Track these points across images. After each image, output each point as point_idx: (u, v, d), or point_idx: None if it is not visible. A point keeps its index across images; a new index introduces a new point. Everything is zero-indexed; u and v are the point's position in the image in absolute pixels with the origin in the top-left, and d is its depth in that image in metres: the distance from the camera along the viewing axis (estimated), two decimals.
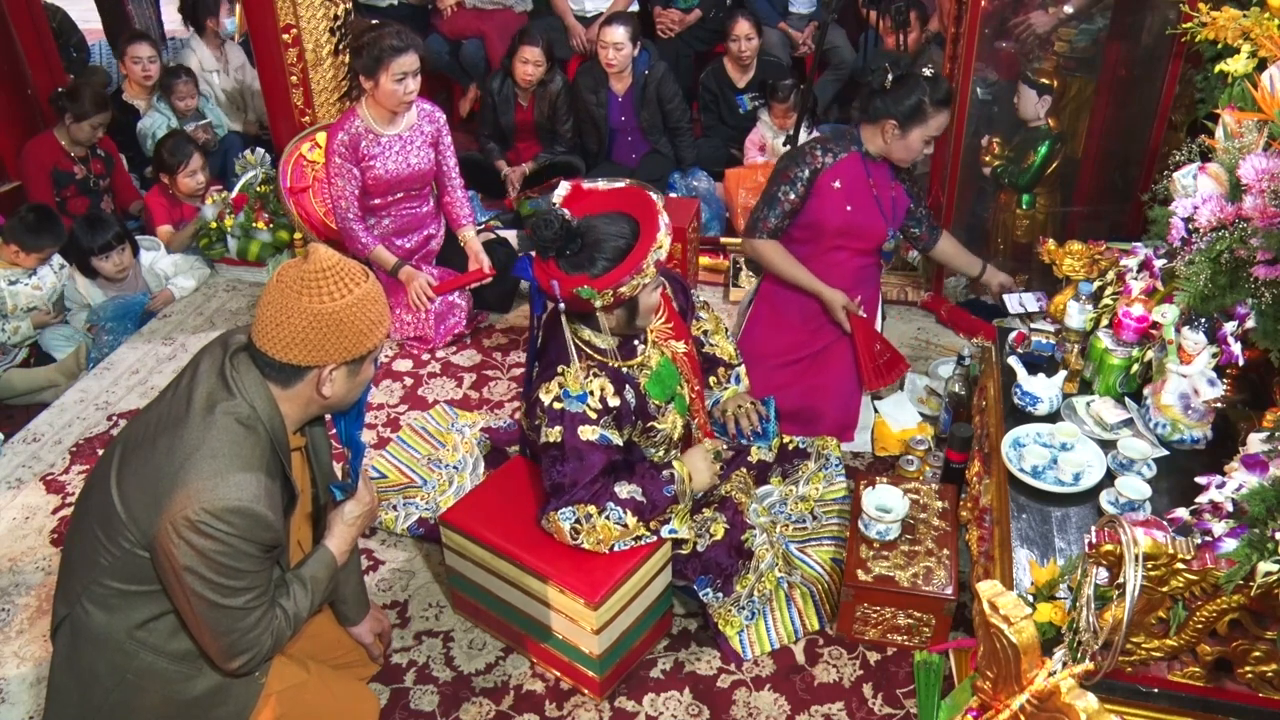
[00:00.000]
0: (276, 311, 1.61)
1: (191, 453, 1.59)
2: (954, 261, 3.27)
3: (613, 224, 2.15)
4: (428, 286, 3.50)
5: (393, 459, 2.97)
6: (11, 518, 2.84)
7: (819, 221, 2.95)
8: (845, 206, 2.92)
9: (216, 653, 1.70)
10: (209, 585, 1.60)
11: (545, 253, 2.11)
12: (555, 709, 2.26)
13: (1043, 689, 1.27)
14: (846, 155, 2.92)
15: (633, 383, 2.29)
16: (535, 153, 4.62)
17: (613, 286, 2.09)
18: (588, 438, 2.17)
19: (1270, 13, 2.07)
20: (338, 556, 1.88)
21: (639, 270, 2.10)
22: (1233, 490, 1.77)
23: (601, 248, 2.11)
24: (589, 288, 2.08)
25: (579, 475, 2.17)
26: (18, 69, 4.20)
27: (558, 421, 2.18)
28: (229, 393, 1.64)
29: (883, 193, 2.96)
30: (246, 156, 4.23)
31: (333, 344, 1.62)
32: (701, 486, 2.38)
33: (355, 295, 1.62)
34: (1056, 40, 3.35)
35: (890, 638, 2.37)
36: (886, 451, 2.94)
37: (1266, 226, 1.73)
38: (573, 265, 2.11)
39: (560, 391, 2.18)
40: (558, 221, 2.08)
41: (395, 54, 3.25)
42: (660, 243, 2.11)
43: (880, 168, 2.96)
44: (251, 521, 1.59)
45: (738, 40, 4.56)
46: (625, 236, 2.13)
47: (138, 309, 3.76)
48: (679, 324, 2.50)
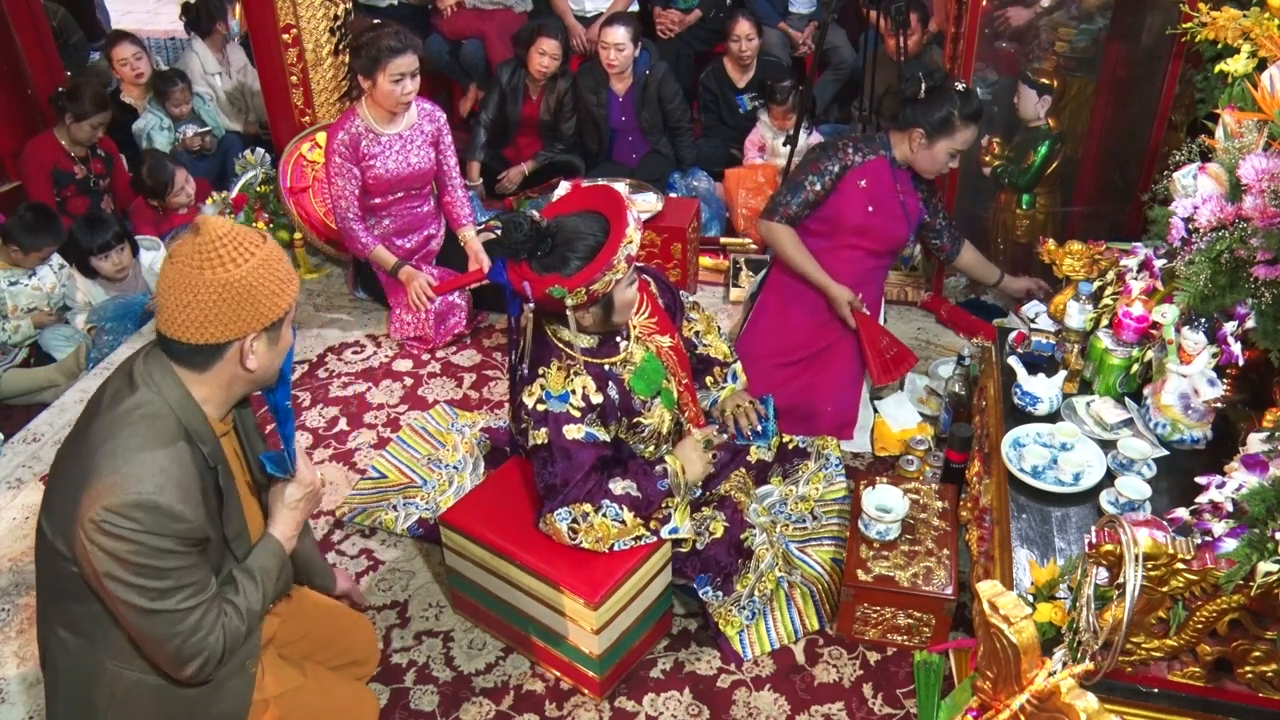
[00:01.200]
0: (181, 292, 1.52)
1: (93, 453, 1.53)
2: (974, 271, 3.29)
3: (583, 222, 2.16)
4: (428, 287, 3.50)
5: (393, 459, 2.97)
6: (11, 518, 2.84)
7: (839, 216, 2.97)
8: (867, 207, 2.95)
9: (165, 661, 1.62)
10: (133, 590, 1.52)
11: (517, 255, 2.12)
12: (555, 709, 2.26)
13: (1043, 689, 1.27)
14: (875, 158, 2.95)
15: (616, 379, 2.30)
16: (536, 150, 4.62)
17: (585, 284, 2.10)
18: (573, 436, 2.18)
19: (1270, 13, 2.07)
20: (284, 543, 1.80)
21: (610, 266, 2.11)
22: (1233, 490, 1.77)
23: (573, 246, 2.12)
24: (560, 286, 2.10)
25: (570, 474, 2.17)
26: (18, 69, 4.20)
27: (543, 423, 2.19)
28: (133, 388, 1.58)
29: (908, 199, 2.99)
30: (246, 156, 4.23)
31: (248, 312, 1.55)
32: (695, 477, 2.38)
33: (259, 257, 1.55)
34: (1057, 40, 3.34)
35: (890, 638, 2.37)
36: (886, 451, 2.94)
37: (1266, 226, 1.73)
38: (544, 266, 2.12)
39: (542, 393, 2.20)
40: (527, 223, 2.09)
41: (393, 55, 3.26)
42: (630, 237, 2.12)
43: (905, 175, 2.99)
44: (157, 515, 1.50)
45: (738, 40, 4.56)
46: (596, 234, 2.14)
47: (138, 309, 3.76)
48: (663, 318, 2.51)
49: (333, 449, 3.08)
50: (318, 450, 3.07)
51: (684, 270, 3.78)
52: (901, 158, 2.95)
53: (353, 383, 3.39)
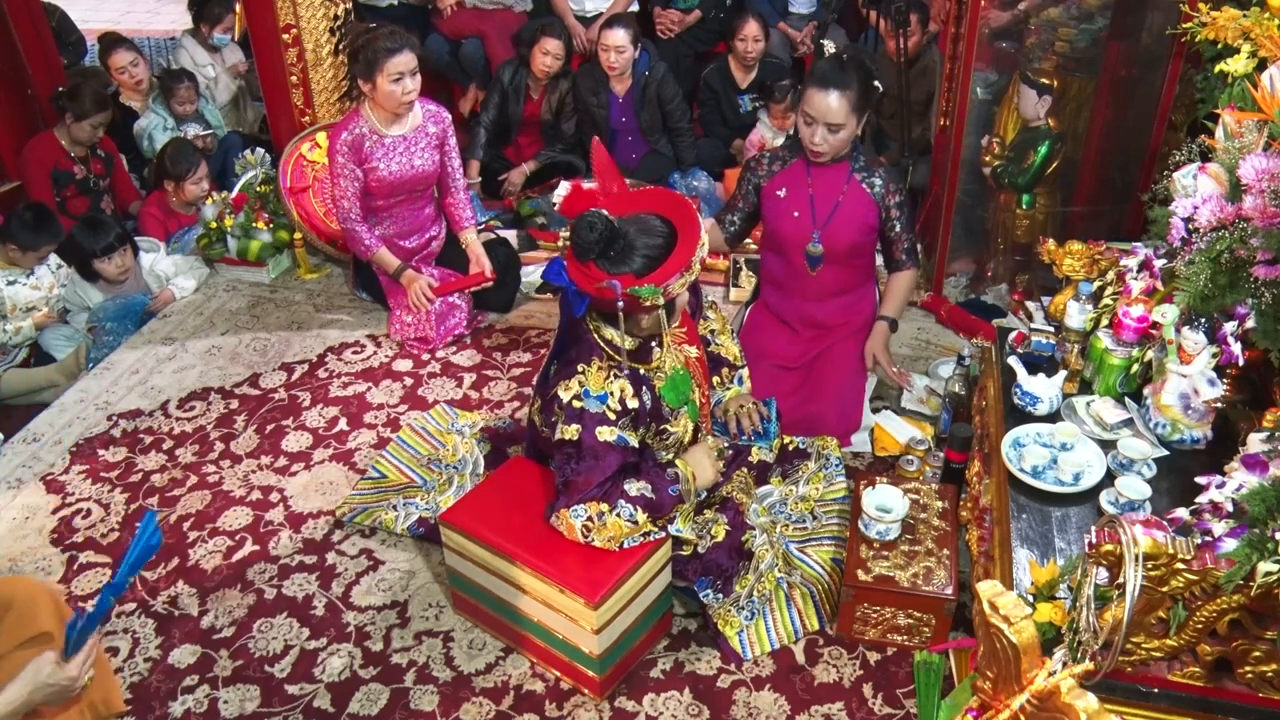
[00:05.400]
0: None
1: None
2: (886, 296, 3.07)
3: (648, 223, 2.16)
4: (428, 288, 3.50)
5: (393, 459, 2.97)
6: (11, 518, 2.84)
7: (776, 234, 2.96)
8: (793, 213, 2.90)
9: None
10: None
11: (586, 255, 2.09)
12: (555, 709, 2.26)
13: (1043, 689, 1.27)
14: (795, 161, 2.92)
15: (649, 385, 2.29)
16: (536, 150, 4.62)
17: (662, 284, 2.10)
18: (605, 439, 2.17)
19: (1270, 13, 2.07)
20: None
21: (688, 267, 2.12)
22: (1233, 490, 1.77)
23: (648, 247, 2.12)
24: (649, 286, 2.08)
25: (593, 475, 2.17)
26: (18, 69, 4.20)
27: (576, 420, 2.17)
28: None
29: (839, 198, 2.87)
30: (246, 156, 4.22)
31: None
32: (706, 483, 2.38)
33: None
34: (1057, 40, 3.34)
35: (890, 638, 2.37)
36: (886, 452, 2.94)
37: (1266, 226, 1.73)
38: (615, 266, 2.11)
39: (581, 390, 2.18)
40: (601, 223, 2.06)
41: (390, 54, 3.25)
42: (703, 241, 2.14)
43: (832, 171, 2.88)
44: None
45: (745, 40, 4.55)
46: (663, 235, 2.14)
47: (138, 309, 3.76)
48: (691, 329, 2.52)
49: (333, 449, 3.08)
50: (318, 450, 3.08)
51: None
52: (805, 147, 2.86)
53: (353, 383, 3.39)
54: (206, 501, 2.87)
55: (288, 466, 3.01)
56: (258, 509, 2.84)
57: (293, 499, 2.88)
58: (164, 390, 3.37)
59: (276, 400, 3.31)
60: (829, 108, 2.72)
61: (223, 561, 2.67)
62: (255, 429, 3.17)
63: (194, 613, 2.51)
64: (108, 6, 7.81)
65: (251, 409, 3.26)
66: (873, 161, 2.94)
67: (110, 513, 2.84)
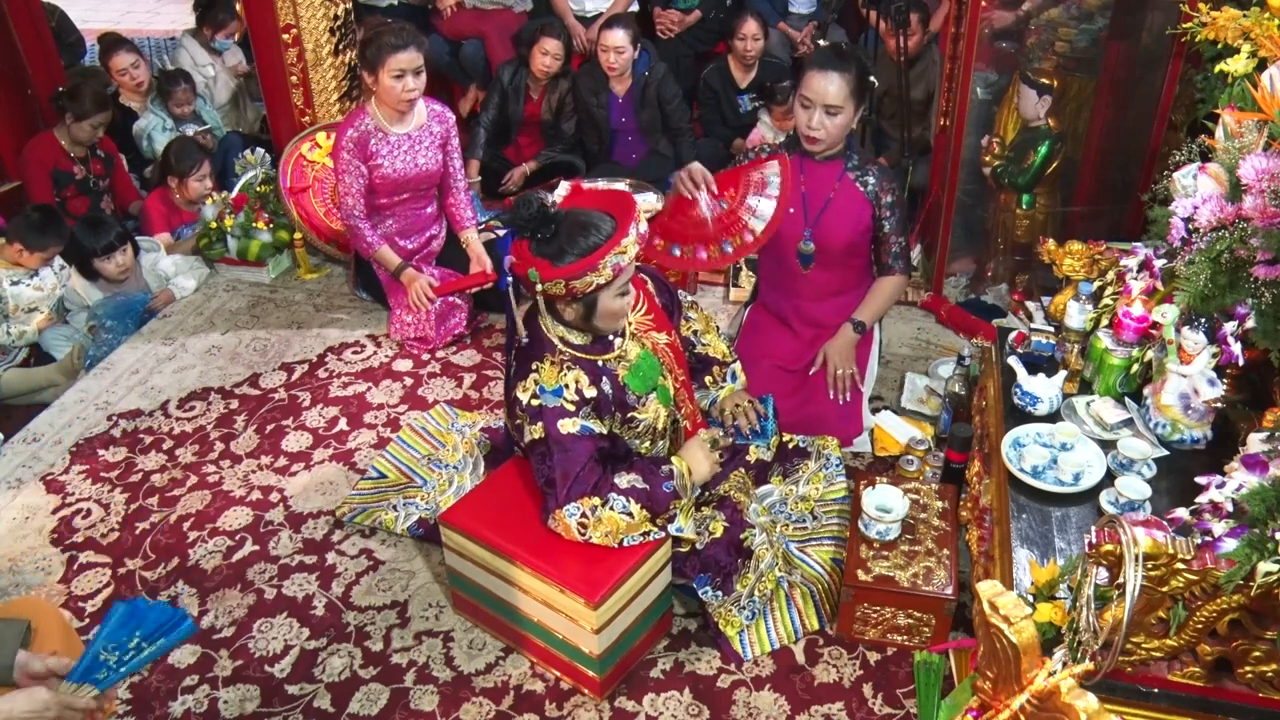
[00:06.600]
0: None
1: None
2: (865, 298, 3.03)
3: (594, 220, 2.17)
4: (428, 288, 3.51)
5: (393, 459, 2.97)
6: (11, 518, 2.84)
7: None
8: (788, 210, 2.88)
9: None
10: None
11: (520, 231, 2.15)
12: (555, 709, 2.26)
13: (1043, 689, 1.27)
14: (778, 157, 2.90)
15: (610, 374, 2.30)
16: (536, 150, 4.62)
17: (564, 278, 2.11)
18: (569, 430, 2.19)
19: (1270, 13, 2.07)
20: None
21: (594, 268, 2.11)
22: (1233, 490, 1.77)
23: (574, 240, 2.14)
24: (536, 270, 2.12)
25: (569, 466, 2.18)
26: (18, 69, 4.20)
27: (538, 417, 2.20)
28: None
29: (832, 194, 2.86)
30: (246, 156, 4.23)
31: None
32: (703, 478, 2.38)
33: None
34: (1057, 40, 3.34)
35: (890, 638, 2.37)
36: (886, 451, 2.94)
37: (1266, 226, 1.73)
38: (540, 250, 2.15)
39: (536, 388, 2.21)
40: (536, 203, 2.12)
41: (394, 50, 3.27)
42: (624, 248, 2.13)
43: (825, 167, 2.87)
44: None
45: (744, 39, 4.55)
46: (600, 234, 2.15)
47: (138, 308, 3.76)
48: (660, 316, 2.51)
49: (333, 449, 3.08)
50: (318, 450, 3.08)
51: (685, 271, 3.78)
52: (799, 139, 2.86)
53: (353, 383, 3.39)
54: (206, 501, 2.87)
55: (288, 466, 3.01)
56: (258, 509, 2.84)
57: (293, 499, 2.88)
58: (164, 390, 3.37)
59: (276, 400, 3.31)
60: (827, 89, 2.72)
61: (223, 561, 2.67)
62: (255, 429, 3.17)
63: (194, 613, 2.51)
64: (108, 6, 7.82)
65: (251, 409, 3.26)
66: (867, 161, 2.94)
67: (110, 513, 2.84)
